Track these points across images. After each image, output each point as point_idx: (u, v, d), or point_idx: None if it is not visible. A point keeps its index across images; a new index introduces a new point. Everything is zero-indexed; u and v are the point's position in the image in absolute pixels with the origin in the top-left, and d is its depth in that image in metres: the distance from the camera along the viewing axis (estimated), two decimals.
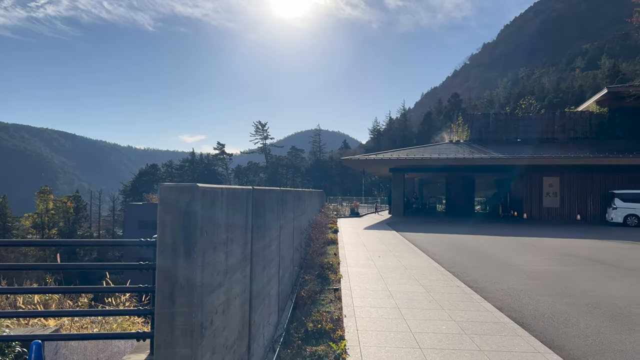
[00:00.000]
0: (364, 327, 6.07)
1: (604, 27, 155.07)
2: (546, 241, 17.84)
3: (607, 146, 29.40)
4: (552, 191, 30.44)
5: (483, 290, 8.53)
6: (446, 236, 19.45)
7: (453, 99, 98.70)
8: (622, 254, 14.32)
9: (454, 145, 34.42)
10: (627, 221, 25.17)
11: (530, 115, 34.79)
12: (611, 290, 8.79)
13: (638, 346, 5.55)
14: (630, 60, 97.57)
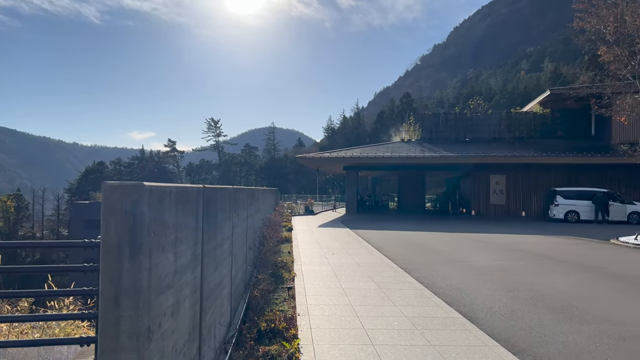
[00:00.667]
0: (318, 325, 6.07)
1: (546, 32, 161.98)
2: (493, 237, 18.46)
3: (550, 145, 30.74)
4: (499, 189, 31.54)
5: (433, 286, 8.72)
6: (398, 233, 19.78)
7: (405, 99, 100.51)
8: (564, 249, 15.01)
9: (406, 144, 35.08)
10: (568, 217, 26.40)
11: (478, 116, 35.90)
12: (554, 284, 9.18)
13: (578, 337, 5.82)
14: (570, 64, 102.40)
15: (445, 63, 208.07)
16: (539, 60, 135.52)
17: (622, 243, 16.27)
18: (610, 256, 13.57)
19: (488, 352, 5.15)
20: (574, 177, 29.67)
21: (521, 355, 5.11)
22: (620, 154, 20.85)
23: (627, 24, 15.99)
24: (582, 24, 16.76)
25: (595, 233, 19.86)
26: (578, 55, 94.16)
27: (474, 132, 34.52)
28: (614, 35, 16.44)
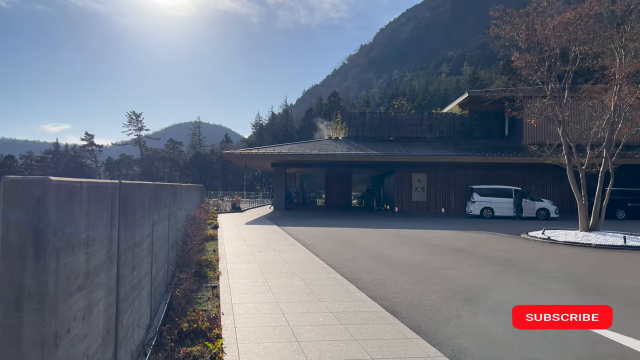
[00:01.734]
0: (243, 323, 5.98)
1: (466, 37, 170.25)
2: (415, 232, 19.15)
3: (468, 145, 32.41)
4: (421, 186, 32.79)
5: (358, 281, 8.89)
6: (325, 229, 19.99)
7: (332, 97, 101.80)
8: (479, 243, 15.86)
9: (334, 141, 35.53)
10: (483, 213, 27.95)
11: (402, 116, 37.10)
12: (470, 277, 9.66)
13: (492, 327, 6.16)
14: (487, 68, 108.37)
15: (372, 63, 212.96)
16: (459, 63, 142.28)
17: (531, 237, 17.45)
18: (521, 249, 14.51)
19: (409, 344, 5.31)
20: (489, 176, 31.46)
21: (440, 347, 5.32)
22: (530, 154, 22.35)
23: (537, 33, 17.14)
24: (498, 30, 17.75)
25: (507, 228, 21.16)
26: (494, 60, 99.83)
27: (398, 131, 35.63)
28: (526, 42, 17.56)
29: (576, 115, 19.26)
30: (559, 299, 7.76)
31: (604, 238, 15.90)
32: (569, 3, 20.40)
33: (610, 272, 10.81)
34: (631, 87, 16.75)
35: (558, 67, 17.74)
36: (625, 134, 17.76)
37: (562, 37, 16.86)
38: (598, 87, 17.81)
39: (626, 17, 17.27)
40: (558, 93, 17.90)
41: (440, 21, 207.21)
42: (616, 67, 16.74)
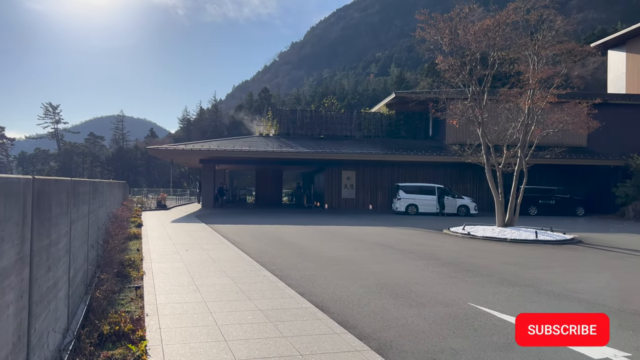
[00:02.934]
0: (168, 324, 5.81)
1: (393, 39, 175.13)
2: (344, 229, 19.47)
3: (395, 144, 33.37)
4: (350, 183, 33.37)
5: (287, 278, 8.90)
6: (255, 227, 19.84)
7: (263, 94, 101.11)
8: (405, 239, 16.40)
9: (264, 138, 35.30)
10: (409, 210, 28.92)
11: (332, 114, 37.51)
12: (396, 272, 9.97)
13: (415, 319, 6.39)
14: (414, 70, 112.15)
15: (302, 61, 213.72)
16: (387, 64, 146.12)
17: (452, 233, 18.28)
18: (443, 244, 15.16)
19: (337, 339, 5.40)
20: (414, 174, 32.61)
21: (366, 340, 5.45)
22: (452, 154, 23.37)
23: (460, 37, 17.96)
24: (423, 34, 18.40)
25: (431, 224, 22.03)
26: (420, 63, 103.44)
27: (328, 129, 36.02)
28: (449, 46, 18.35)
29: (494, 117, 20.37)
30: (478, 291, 8.19)
31: (518, 233, 16.97)
32: (489, 10, 21.51)
33: (523, 264, 11.55)
34: (543, 92, 17.98)
35: (478, 70, 18.68)
36: (537, 136, 19.03)
37: (482, 43, 17.78)
38: (514, 91, 18.95)
39: (539, 26, 18.49)
40: (478, 96, 18.86)
41: (369, 22, 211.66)
42: (530, 72, 17.90)
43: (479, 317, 6.48)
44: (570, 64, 19.19)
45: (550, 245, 15.35)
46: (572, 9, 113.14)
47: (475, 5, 18.37)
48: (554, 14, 18.23)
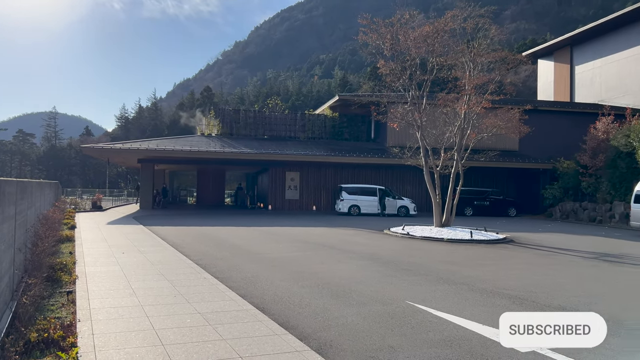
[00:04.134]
0: (102, 330, 5.59)
1: (337, 42, 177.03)
2: (287, 230, 19.46)
3: (338, 146, 33.74)
4: (293, 184, 33.40)
5: (229, 280, 8.80)
6: (196, 228, 19.45)
7: (206, 92, 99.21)
8: (346, 239, 16.61)
9: (206, 138, 34.68)
10: (351, 211, 29.31)
11: (276, 115, 37.44)
12: (338, 272, 10.08)
13: (355, 318, 6.49)
14: (357, 73, 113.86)
15: (247, 61, 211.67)
16: (331, 67, 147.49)
17: (392, 233, 18.70)
18: (383, 244, 15.49)
19: (277, 340, 5.40)
20: (357, 175, 33.11)
21: (307, 340, 5.48)
22: (393, 156, 23.91)
23: (400, 43, 18.43)
24: (365, 38, 18.73)
25: (372, 224, 22.44)
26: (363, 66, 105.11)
27: (272, 130, 35.89)
28: (390, 51, 18.78)
29: (433, 121, 21.03)
30: (415, 289, 8.43)
31: (454, 233, 17.62)
32: (429, 17, 22.21)
33: (458, 263, 12.01)
34: (478, 98, 18.77)
35: (418, 75, 19.25)
36: (472, 139, 19.83)
37: (422, 48, 18.34)
38: (451, 96, 19.67)
39: (475, 35, 19.30)
40: (417, 100, 19.42)
41: (313, 24, 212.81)
42: (466, 78, 18.64)
43: (416, 315, 6.67)
44: (503, 72, 20.16)
45: (484, 245, 16.04)
46: (506, 19, 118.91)
47: (415, 12, 18.93)
48: (489, 23, 19.10)
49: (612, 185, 26.52)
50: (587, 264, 12.42)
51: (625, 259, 13.44)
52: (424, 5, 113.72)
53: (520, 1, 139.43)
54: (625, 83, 40.44)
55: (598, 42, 43.21)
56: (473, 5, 19.18)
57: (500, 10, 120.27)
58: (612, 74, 41.85)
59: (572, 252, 14.65)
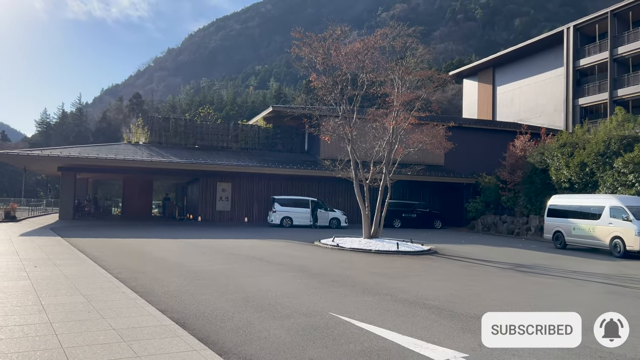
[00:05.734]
0: (3, 350, 5.18)
1: (273, 53, 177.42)
2: (216, 242, 19.08)
3: (272, 157, 33.65)
4: (225, 196, 32.90)
5: (149, 294, 8.47)
6: (119, 240, 18.62)
7: (135, 99, 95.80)
8: (277, 251, 16.53)
9: (133, 146, 33.44)
10: (283, 222, 29.24)
11: (208, 124, 36.83)
12: (264, 284, 9.99)
13: (279, 331, 6.44)
14: (292, 85, 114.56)
15: (179, 68, 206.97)
16: (266, 78, 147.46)
17: (322, 245, 18.84)
18: (313, 256, 15.55)
19: (195, 355, 5.24)
20: (290, 187, 33.15)
21: (227, 355, 5.37)
22: (325, 168, 24.20)
23: (332, 58, 18.76)
24: (298, 51, 18.92)
25: (304, 236, 22.48)
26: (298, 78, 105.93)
27: (204, 139, 35.20)
28: (323, 65, 19.08)
29: (363, 135, 21.52)
30: (340, 300, 8.52)
31: (382, 244, 18.02)
32: (361, 34, 22.78)
33: (384, 274, 12.27)
34: (406, 114, 19.43)
35: (349, 90, 19.66)
36: (400, 154, 20.47)
37: (353, 64, 18.78)
38: (380, 112, 20.23)
39: (404, 53, 20.03)
40: (348, 114, 19.80)
41: (249, 35, 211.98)
42: (395, 95, 19.25)
43: (338, 327, 6.73)
44: (430, 90, 21.02)
45: (410, 256, 16.52)
46: (435, 39, 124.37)
47: (347, 28, 19.33)
48: (417, 43, 19.88)
49: (529, 200, 28.25)
50: (503, 274, 13.10)
51: (537, 269, 14.32)
52: (357, 22, 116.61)
53: (449, 23, 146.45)
54: (541, 104, 43.45)
55: (518, 65, 46.20)
56: (402, 24, 19.93)
57: (429, 30, 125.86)
58: (529, 96, 44.84)
59: (491, 263, 15.41)
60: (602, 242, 19.13)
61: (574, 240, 20.68)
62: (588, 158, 24.18)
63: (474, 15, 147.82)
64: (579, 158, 24.66)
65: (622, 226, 18.22)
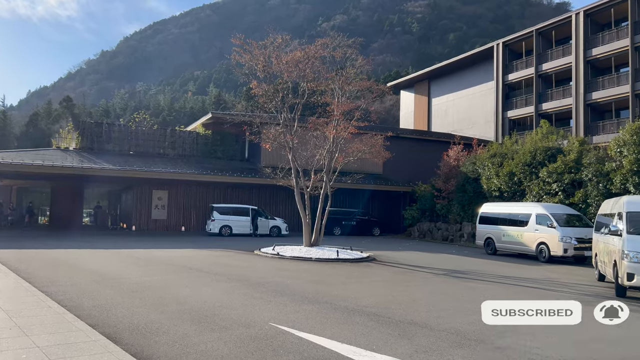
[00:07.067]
0: None
1: (212, 59, 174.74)
2: (151, 252, 18.44)
3: (211, 164, 33.00)
4: (161, 204, 31.92)
5: (78, 308, 8.04)
6: (46, 251, 17.59)
7: (66, 102, 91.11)
8: (215, 261, 16.21)
9: (63, 152, 31.78)
10: (222, 231, 28.72)
11: (144, 130, 35.65)
12: (202, 295, 9.75)
13: (216, 344, 6.30)
14: (232, 92, 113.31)
15: (114, 72, 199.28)
16: (206, 84, 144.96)
17: (263, 253, 18.66)
18: (252, 265, 15.37)
19: None
20: (230, 195, 32.65)
21: None
22: (266, 176, 24.07)
23: (273, 65, 18.76)
24: (239, 58, 18.77)
25: (243, 245, 22.16)
26: (237, 85, 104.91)
27: (139, 145, 34.00)
28: (263, 73, 19.02)
29: (304, 144, 21.59)
30: (280, 310, 8.46)
31: (322, 252, 18.11)
32: (302, 44, 22.92)
33: (324, 282, 12.33)
34: (346, 123, 19.72)
35: (290, 99, 19.71)
36: (340, 163, 20.71)
37: (294, 73, 18.85)
38: (321, 121, 20.40)
39: (344, 63, 20.35)
40: (289, 122, 19.83)
41: (188, 40, 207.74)
42: (335, 104, 19.49)
43: (278, 337, 6.67)
44: (369, 100, 21.45)
45: (349, 263, 16.70)
46: (374, 51, 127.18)
47: (288, 37, 19.41)
48: (356, 54, 20.26)
49: (462, 208, 29.39)
50: (438, 280, 13.52)
51: (470, 274, 14.89)
52: (298, 31, 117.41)
53: (387, 35, 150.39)
54: (473, 116, 45.48)
55: (452, 78, 48.20)
56: (342, 35, 20.25)
57: (368, 42, 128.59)
58: (463, 107, 46.83)
59: (427, 269, 15.87)
60: (529, 247, 20.20)
61: (504, 246, 21.71)
62: (516, 168, 25.51)
63: (410, 29, 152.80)
64: (507, 168, 25.96)
65: (547, 232, 19.34)
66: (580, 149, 23.46)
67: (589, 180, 21.80)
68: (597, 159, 21.92)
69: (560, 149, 24.96)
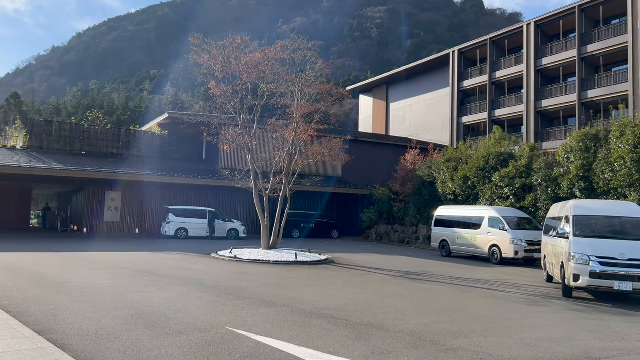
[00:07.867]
0: None
1: (170, 58, 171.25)
2: (104, 255, 17.87)
3: (167, 165, 32.27)
4: (114, 205, 30.99)
5: (24, 315, 7.68)
6: None
7: (13, 99, 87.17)
8: (170, 264, 15.86)
9: (9, 151, 30.35)
10: (178, 234, 28.15)
11: (97, 129, 34.52)
12: (157, 300, 9.51)
13: (170, 349, 6.15)
14: (190, 92, 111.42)
15: (66, 68, 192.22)
16: (162, 83, 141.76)
17: (220, 256, 18.40)
18: (209, 269, 15.13)
19: None
20: (186, 197, 32.02)
21: None
22: (224, 178, 23.75)
23: (232, 66, 18.56)
24: (197, 58, 18.48)
25: (200, 248, 21.81)
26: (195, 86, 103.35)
27: (91, 145, 32.88)
28: (222, 73, 18.79)
29: (263, 146, 21.46)
30: (237, 314, 8.35)
31: (281, 255, 18.02)
32: (261, 45, 22.81)
33: (282, 285, 12.27)
34: (305, 126, 19.73)
35: (249, 100, 19.56)
36: (300, 165, 20.70)
37: (253, 74, 18.72)
38: (281, 123, 20.33)
39: (304, 66, 20.36)
40: (248, 124, 19.68)
41: (144, 38, 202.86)
42: (295, 107, 19.47)
43: (234, 341, 6.58)
44: (328, 103, 21.53)
45: (308, 266, 16.70)
46: (333, 55, 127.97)
47: (247, 38, 19.25)
48: (316, 57, 20.32)
49: (418, 210, 29.94)
50: (395, 282, 13.71)
51: (425, 276, 15.17)
52: (258, 33, 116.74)
53: (346, 40, 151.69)
54: (430, 121, 46.47)
55: (409, 84, 49.10)
56: (302, 38, 20.27)
57: (328, 46, 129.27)
58: (420, 112, 47.78)
59: (384, 271, 16.06)
60: (482, 250, 20.79)
61: (458, 248, 22.25)
62: (470, 172, 26.21)
63: (370, 34, 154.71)
64: (462, 172, 26.64)
65: (499, 235, 19.96)
66: (530, 155, 24.34)
67: (538, 185, 22.64)
68: (547, 165, 22.80)
69: (512, 154, 25.83)
